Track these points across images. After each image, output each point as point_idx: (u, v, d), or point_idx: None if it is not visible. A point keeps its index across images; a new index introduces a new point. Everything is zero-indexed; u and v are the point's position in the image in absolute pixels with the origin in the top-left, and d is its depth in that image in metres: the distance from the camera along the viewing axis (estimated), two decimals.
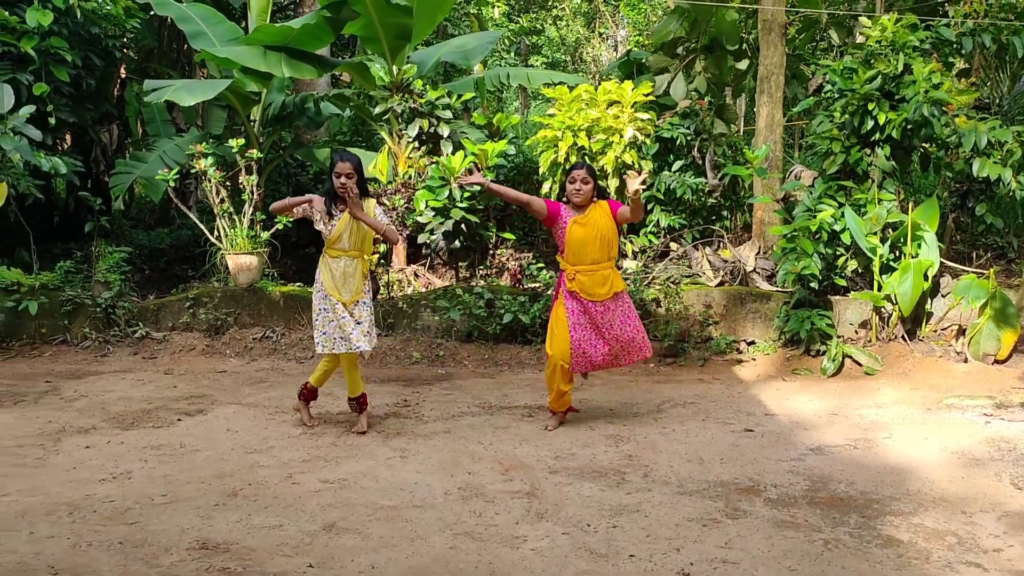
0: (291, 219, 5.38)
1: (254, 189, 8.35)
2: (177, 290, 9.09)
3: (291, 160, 11.09)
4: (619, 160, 8.05)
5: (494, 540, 3.79)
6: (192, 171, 8.34)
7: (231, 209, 8.32)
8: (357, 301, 5.36)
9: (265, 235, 8.43)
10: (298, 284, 8.75)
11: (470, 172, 5.48)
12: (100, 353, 8.01)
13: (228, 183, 8.41)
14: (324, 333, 5.34)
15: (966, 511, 4.09)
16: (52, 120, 8.75)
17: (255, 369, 7.61)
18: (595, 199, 5.48)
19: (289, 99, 9.90)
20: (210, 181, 8.16)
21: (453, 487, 4.48)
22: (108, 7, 9.21)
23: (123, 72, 11.52)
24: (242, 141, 8.24)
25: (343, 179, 5.15)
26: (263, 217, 8.53)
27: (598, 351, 5.50)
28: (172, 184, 8.23)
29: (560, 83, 9.12)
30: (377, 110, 8.78)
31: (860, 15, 9.84)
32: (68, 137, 10.71)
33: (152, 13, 11.06)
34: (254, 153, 8.33)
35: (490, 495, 4.36)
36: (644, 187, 5.36)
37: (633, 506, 4.18)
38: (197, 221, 8.66)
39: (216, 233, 8.45)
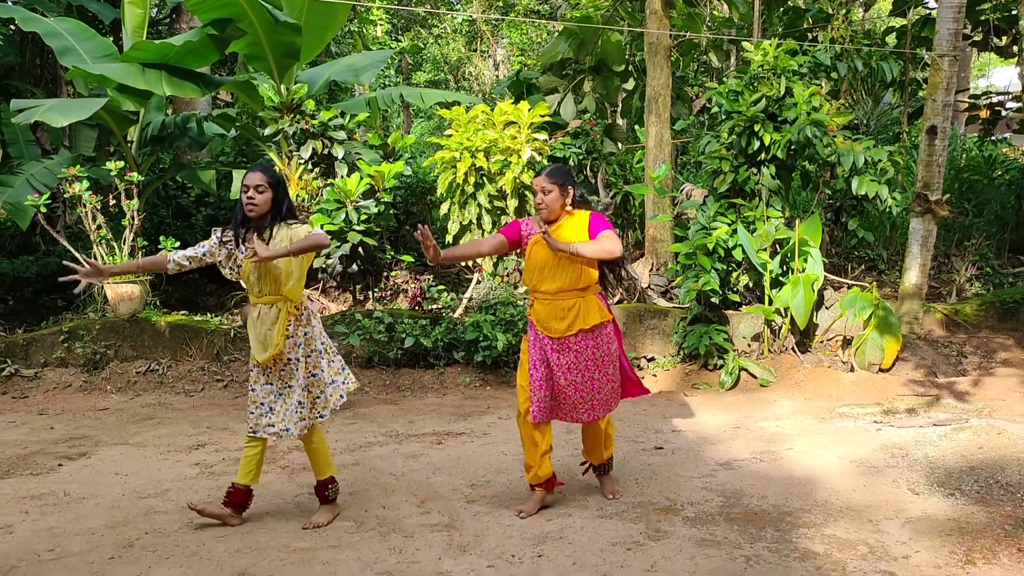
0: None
1: (135, 214, 7.89)
2: (48, 322, 8.49)
3: (171, 182, 10.58)
4: (517, 180, 8.06)
5: None
6: (65, 195, 7.79)
7: (109, 235, 7.84)
8: (279, 361, 4.16)
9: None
10: (183, 313, 8.32)
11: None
12: None
13: (108, 207, 7.92)
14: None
15: (872, 519, 4.24)
16: None
17: (140, 405, 7.17)
18: (571, 208, 4.39)
19: (169, 119, 9.44)
20: (85, 206, 7.66)
21: (369, 523, 4.31)
22: None
23: None
24: (121, 164, 7.78)
25: (250, 192, 4.04)
26: (144, 243, 8.08)
27: (556, 401, 4.43)
28: (42, 210, 7.68)
29: (454, 103, 9.06)
30: (267, 131, 8.48)
31: (741, 39, 10.26)
32: None
33: (14, 28, 10.39)
34: (134, 176, 7.88)
35: (408, 529, 4.22)
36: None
37: (555, 533, 4.13)
38: (71, 248, 8.09)
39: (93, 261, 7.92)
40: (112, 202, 7.96)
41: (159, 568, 3.79)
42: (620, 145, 10.52)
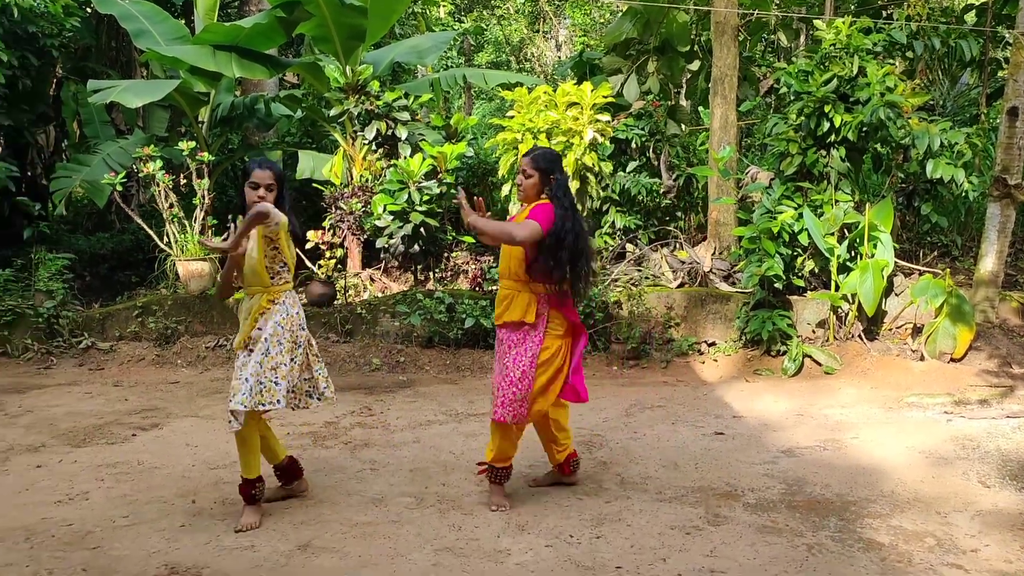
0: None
1: (205, 193, 8.09)
2: (123, 298, 8.78)
3: (240, 163, 10.80)
4: (579, 162, 8.02)
5: (477, 555, 3.70)
6: (139, 174, 8.04)
7: (181, 214, 8.05)
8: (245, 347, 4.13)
9: (217, 240, 8.17)
10: None
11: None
12: (43, 365, 7.69)
13: (179, 186, 8.13)
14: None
15: (940, 511, 4.14)
16: None
17: (209, 379, 7.37)
18: (546, 195, 4.17)
19: (238, 100, 9.65)
20: (158, 185, 7.88)
21: (429, 499, 4.38)
22: (46, 5, 8.84)
23: (59, 71, 11.09)
24: (193, 144, 7.99)
25: (261, 191, 4.01)
26: (215, 222, 8.28)
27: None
28: (118, 188, 7.94)
29: (517, 84, 9.05)
30: (332, 112, 8.59)
31: (812, 18, 10.00)
32: (1, 140, 10.28)
33: (90, 11, 10.70)
34: (205, 156, 8.07)
35: (467, 507, 4.27)
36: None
37: (614, 515, 4.13)
38: (145, 226, 8.36)
39: (165, 239, 8.17)
40: (183, 181, 8.17)
41: (228, 537, 3.90)
42: (684, 127, 10.38)
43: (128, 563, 3.63)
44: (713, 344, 7.74)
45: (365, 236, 8.44)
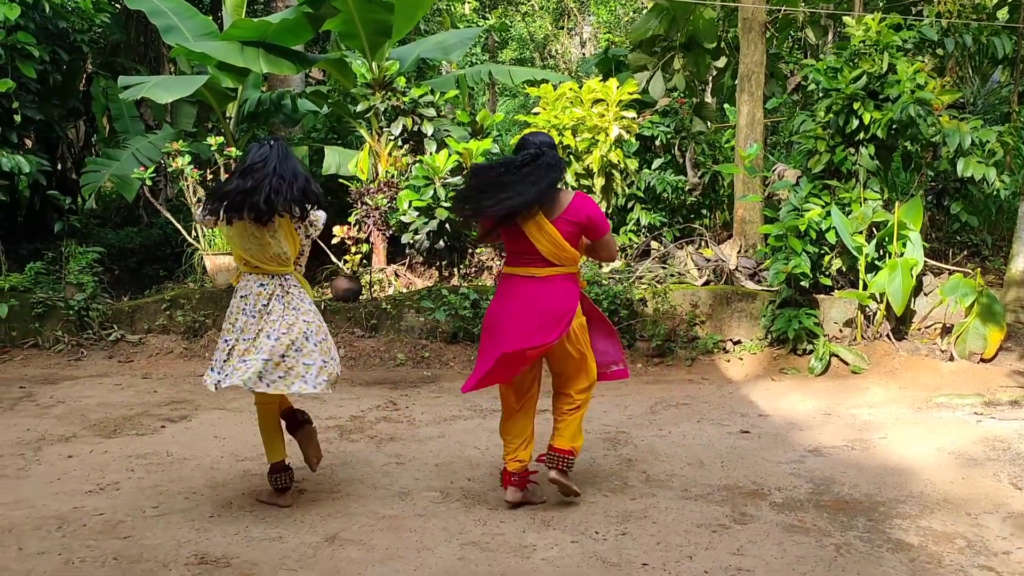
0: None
1: None
2: (151, 291, 8.87)
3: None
4: (605, 159, 8.00)
5: (503, 550, 3.71)
6: (168, 169, 8.12)
7: None
8: None
9: None
10: None
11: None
12: (74, 357, 7.78)
13: (207, 181, 8.21)
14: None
15: (971, 512, 4.10)
16: (17, 118, 8.46)
17: None
18: None
19: (265, 96, 9.72)
20: (186, 180, 7.96)
21: (454, 494, 4.39)
22: (76, 1, 8.94)
23: (89, 67, 11.22)
24: (221, 139, 8.07)
25: None
26: None
27: None
28: (148, 183, 8.02)
29: (543, 81, 9.04)
30: (358, 108, 8.63)
31: (841, 14, 9.90)
32: (32, 134, 10.41)
33: (120, 6, 10.82)
34: (232, 151, 8.14)
35: (493, 503, 4.28)
36: None
37: (639, 512, 4.13)
38: (173, 220, 8.45)
39: (193, 233, 8.25)
40: (211, 176, 8.24)
41: (256, 528, 3.94)
42: (709, 124, 10.32)
43: (158, 552, 3.68)
44: (738, 342, 7.70)
45: (390, 232, 8.48)
